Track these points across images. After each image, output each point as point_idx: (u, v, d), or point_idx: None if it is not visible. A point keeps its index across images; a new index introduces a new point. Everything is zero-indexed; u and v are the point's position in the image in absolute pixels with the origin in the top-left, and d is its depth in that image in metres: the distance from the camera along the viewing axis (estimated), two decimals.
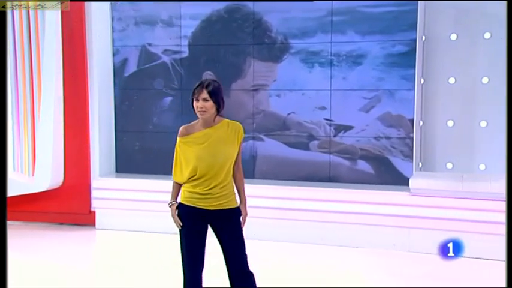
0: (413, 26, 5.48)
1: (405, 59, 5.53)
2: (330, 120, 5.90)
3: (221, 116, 3.16)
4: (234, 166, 3.23)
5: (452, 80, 5.70)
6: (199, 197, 3.14)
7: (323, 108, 5.89)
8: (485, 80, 5.62)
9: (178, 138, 3.16)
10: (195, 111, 3.11)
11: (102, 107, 6.28)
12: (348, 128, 5.86)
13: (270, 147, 5.98)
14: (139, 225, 6.04)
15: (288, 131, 5.96)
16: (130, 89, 6.42)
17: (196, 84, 3.11)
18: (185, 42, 6.18)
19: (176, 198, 3.23)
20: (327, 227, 5.59)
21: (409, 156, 5.66)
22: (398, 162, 5.72)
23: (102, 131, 6.30)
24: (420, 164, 5.78)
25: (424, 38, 5.63)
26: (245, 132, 5.94)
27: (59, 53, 6.01)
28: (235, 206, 3.23)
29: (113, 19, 6.39)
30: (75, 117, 6.22)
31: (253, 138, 6.08)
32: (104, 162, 6.32)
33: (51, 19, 5.92)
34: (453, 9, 5.59)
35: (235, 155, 3.18)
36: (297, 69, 5.85)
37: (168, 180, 5.79)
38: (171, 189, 3.30)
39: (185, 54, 6.21)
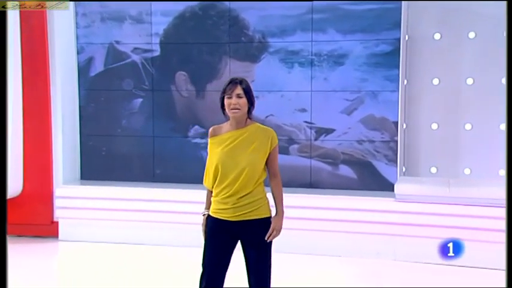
0: (397, 25, 5.43)
1: (389, 59, 5.49)
2: (311, 123, 5.81)
3: (251, 118, 3.06)
4: (270, 176, 3.10)
5: (436, 81, 5.65)
6: (221, 207, 3.03)
7: (303, 110, 5.78)
8: (469, 81, 5.59)
9: (208, 140, 3.10)
10: (224, 112, 3.04)
11: (66, 109, 6.09)
12: (329, 131, 5.77)
13: None
14: (106, 237, 5.85)
15: None
16: (96, 89, 6.23)
17: (227, 81, 3.02)
18: (156, 40, 6.03)
19: (208, 207, 3.12)
20: (307, 235, 5.47)
21: (393, 161, 5.61)
22: (382, 167, 5.66)
23: (66, 134, 6.11)
24: (403, 169, 5.74)
25: (407, 37, 5.58)
26: None
27: (17, 51, 5.78)
28: (262, 216, 3.03)
29: (77, 14, 6.17)
30: (35, 120, 5.99)
31: None
32: (67, 169, 6.13)
33: (8, 14, 5.61)
34: (437, 7, 5.55)
35: (262, 163, 3.03)
36: (275, 70, 5.76)
37: (138, 188, 5.92)
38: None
39: (156, 53, 6.06)
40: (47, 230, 6.07)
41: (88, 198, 5.91)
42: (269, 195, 3.16)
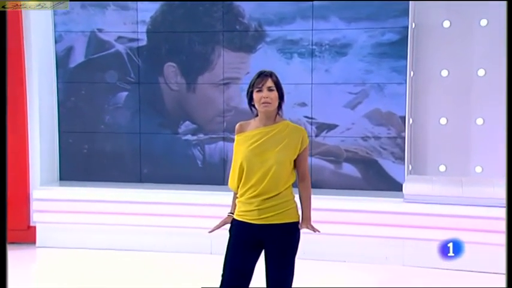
0: (405, 12, 5.37)
1: (396, 49, 5.42)
2: (311, 118, 5.73)
3: (281, 115, 3.04)
4: (298, 177, 3.07)
5: (444, 73, 5.58)
6: (245, 208, 2.98)
7: (303, 104, 5.69)
8: (481, 72, 5.51)
9: (235, 137, 3.09)
10: (252, 108, 3.02)
11: (43, 104, 5.94)
12: (331, 127, 5.72)
13: None
14: (88, 242, 5.73)
15: None
16: (77, 82, 6.10)
17: (256, 75, 3.01)
18: (143, 28, 5.91)
19: (233, 209, 3.11)
20: (309, 240, 5.14)
21: (401, 159, 5.55)
22: (389, 165, 5.60)
23: (44, 132, 5.97)
24: (410, 167, 5.66)
25: (413, 25, 5.50)
26: (214, 132, 5.90)
27: None
28: (289, 220, 2.98)
29: None
30: (10, 116, 5.73)
31: (224, 139, 5.89)
32: (45, 169, 6.00)
33: None
34: None
35: (290, 163, 2.99)
36: (273, 61, 5.65)
37: (123, 189, 5.76)
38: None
39: (143, 43, 5.94)
40: (23, 235, 5.91)
41: (68, 200, 5.78)
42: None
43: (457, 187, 5.04)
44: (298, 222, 3.03)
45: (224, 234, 5.44)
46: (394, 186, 5.48)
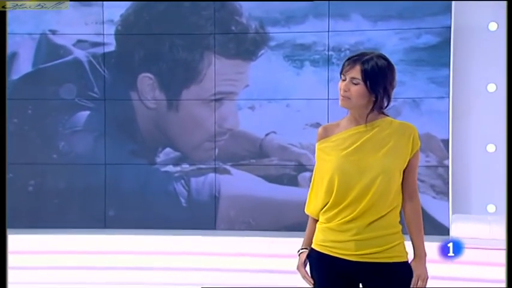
0: (447, 8, 5.34)
1: (436, 55, 5.37)
2: None
3: (382, 113, 2.71)
4: (404, 193, 2.69)
5: (492, 87, 5.48)
6: (334, 238, 2.66)
7: (317, 125, 5.41)
8: None
9: (316, 145, 2.81)
10: None
11: None
12: None
13: (239, 183, 5.70)
14: None
15: (267, 159, 5.73)
16: (21, 99, 5.90)
17: (346, 58, 2.71)
18: (110, 29, 5.82)
19: (309, 242, 2.82)
20: None
21: (443, 193, 5.44)
22: (428, 202, 5.42)
23: None
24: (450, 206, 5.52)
25: (452, 27, 5.44)
26: (202, 162, 5.62)
27: None
28: (398, 260, 2.62)
29: None
30: None
31: (215, 170, 5.75)
32: None
33: None
34: None
35: (399, 172, 2.64)
36: (279, 70, 5.64)
37: (83, 235, 5.64)
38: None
39: (110, 48, 5.85)
40: None
41: (9, 253, 5.34)
42: None
43: None
44: (407, 262, 2.67)
45: None
46: (435, 228, 5.33)
